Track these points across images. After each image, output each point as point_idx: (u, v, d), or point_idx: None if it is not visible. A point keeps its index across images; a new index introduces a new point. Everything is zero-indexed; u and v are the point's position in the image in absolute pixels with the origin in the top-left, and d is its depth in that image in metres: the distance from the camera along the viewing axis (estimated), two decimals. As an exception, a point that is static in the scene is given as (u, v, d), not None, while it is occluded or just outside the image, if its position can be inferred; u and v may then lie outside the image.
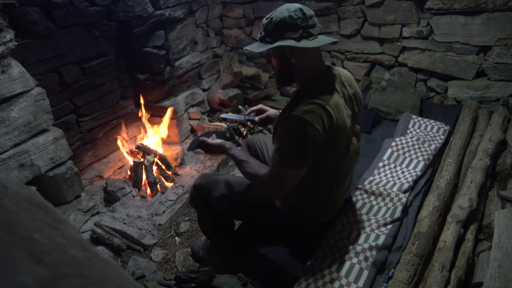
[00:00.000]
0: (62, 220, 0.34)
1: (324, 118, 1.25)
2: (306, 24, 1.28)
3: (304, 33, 1.28)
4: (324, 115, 1.25)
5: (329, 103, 1.27)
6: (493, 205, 1.94)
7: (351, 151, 1.41)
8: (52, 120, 2.08)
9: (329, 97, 1.29)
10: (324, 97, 1.28)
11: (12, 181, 0.34)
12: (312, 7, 3.16)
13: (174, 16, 2.90)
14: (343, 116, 1.31)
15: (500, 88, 2.66)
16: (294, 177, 1.33)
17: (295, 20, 1.27)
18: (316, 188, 1.46)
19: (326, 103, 1.26)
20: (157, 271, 2.05)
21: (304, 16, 1.28)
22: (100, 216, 2.39)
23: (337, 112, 1.29)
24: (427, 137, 2.21)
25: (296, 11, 1.28)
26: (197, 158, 3.09)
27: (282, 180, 1.33)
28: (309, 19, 1.30)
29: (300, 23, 1.27)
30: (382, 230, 1.56)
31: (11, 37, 1.79)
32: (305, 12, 1.29)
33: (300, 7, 1.30)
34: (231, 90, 3.51)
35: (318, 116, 1.24)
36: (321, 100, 1.27)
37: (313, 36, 1.29)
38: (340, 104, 1.32)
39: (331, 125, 1.26)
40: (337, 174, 1.44)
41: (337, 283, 1.33)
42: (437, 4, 2.67)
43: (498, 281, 1.35)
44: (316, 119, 1.23)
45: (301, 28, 1.27)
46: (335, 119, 1.27)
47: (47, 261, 0.25)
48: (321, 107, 1.25)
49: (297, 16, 1.28)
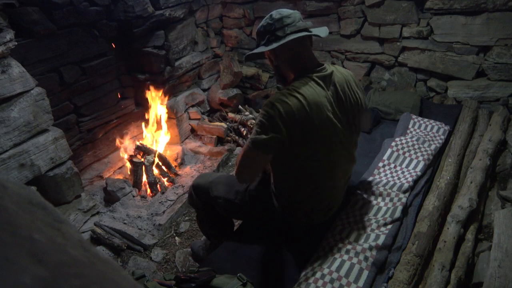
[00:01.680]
0: (62, 220, 0.34)
1: (294, 109, 1.29)
2: (274, 27, 1.36)
3: (271, 37, 1.37)
4: (295, 107, 1.29)
5: (307, 97, 1.30)
6: (493, 205, 1.94)
7: (335, 150, 1.43)
8: (52, 120, 2.08)
9: (309, 92, 1.32)
10: (303, 91, 1.31)
11: (12, 181, 0.34)
12: (312, 7, 3.16)
13: (174, 16, 2.90)
14: (323, 114, 1.34)
15: (500, 88, 2.66)
16: (259, 160, 1.38)
17: (265, 27, 1.39)
18: (304, 184, 1.47)
19: (302, 96, 1.30)
20: (157, 271, 2.05)
21: (272, 20, 1.37)
22: (100, 216, 2.39)
23: (315, 108, 1.31)
24: (427, 137, 2.21)
25: (267, 18, 1.39)
26: (197, 158, 3.09)
27: (247, 161, 1.39)
28: (277, 22, 1.36)
29: (268, 28, 1.38)
30: (382, 230, 1.56)
31: (11, 37, 1.79)
32: (273, 17, 1.37)
33: (271, 13, 1.39)
34: (231, 90, 3.51)
35: (289, 105, 1.28)
36: (298, 93, 1.31)
37: (280, 37, 1.35)
38: (321, 102, 1.34)
39: (303, 119, 1.30)
40: (322, 172, 1.45)
41: (337, 283, 1.33)
42: (437, 4, 2.67)
43: (498, 281, 1.35)
44: (286, 107, 1.28)
45: (269, 33, 1.37)
46: (309, 113, 1.30)
47: (47, 261, 0.25)
48: (296, 98, 1.30)
49: (267, 22, 1.38)
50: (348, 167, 1.59)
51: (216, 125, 3.21)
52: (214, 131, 3.20)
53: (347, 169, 1.58)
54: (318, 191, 1.50)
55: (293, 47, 1.38)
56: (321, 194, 1.52)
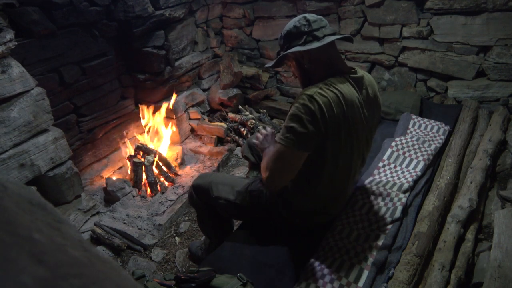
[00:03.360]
0: (62, 220, 0.34)
1: (332, 103, 1.25)
2: (310, 29, 1.32)
3: (308, 37, 1.32)
4: (333, 101, 1.25)
5: (344, 94, 1.28)
6: (493, 205, 1.94)
7: (354, 152, 1.41)
8: (52, 120, 2.08)
9: (346, 89, 1.30)
10: (340, 87, 1.29)
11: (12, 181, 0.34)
12: (312, 7, 3.16)
13: (174, 16, 2.90)
14: (356, 114, 1.32)
15: (500, 88, 2.66)
16: (296, 160, 1.29)
17: (299, 28, 1.33)
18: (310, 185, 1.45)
19: (339, 92, 1.28)
20: (157, 271, 2.05)
21: (307, 22, 1.33)
22: (100, 216, 2.39)
23: (350, 106, 1.29)
24: (427, 137, 2.21)
25: (300, 19, 1.35)
26: (197, 158, 3.09)
27: (282, 163, 1.30)
28: (313, 23, 1.33)
29: (304, 29, 1.33)
30: (382, 230, 1.56)
31: (11, 37, 1.79)
32: (308, 18, 1.34)
33: (304, 15, 1.36)
34: (231, 90, 3.51)
35: (327, 99, 1.24)
36: (335, 89, 1.28)
37: (319, 38, 1.32)
38: (355, 101, 1.32)
39: (340, 114, 1.27)
40: (340, 175, 1.44)
41: (337, 283, 1.33)
42: (437, 4, 2.67)
43: (498, 281, 1.35)
44: (324, 101, 1.24)
45: (305, 33, 1.32)
46: (345, 110, 1.28)
47: (47, 261, 0.25)
48: (333, 93, 1.27)
49: (301, 23, 1.34)
50: (360, 168, 1.57)
51: (216, 125, 3.21)
52: (214, 131, 3.20)
53: (357, 173, 1.56)
54: (338, 192, 1.50)
55: (329, 50, 1.35)
56: (340, 195, 1.52)
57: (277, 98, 3.70)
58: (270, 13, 3.43)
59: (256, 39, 3.62)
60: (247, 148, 2.01)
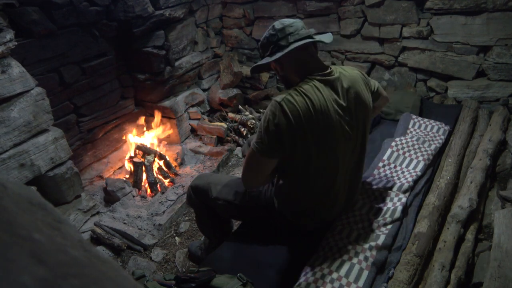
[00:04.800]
0: (62, 220, 0.34)
1: (300, 111, 1.26)
2: (277, 38, 1.36)
3: (274, 48, 1.37)
4: (302, 108, 1.27)
5: (313, 100, 1.28)
6: (493, 205, 1.94)
7: (341, 154, 1.40)
8: (52, 120, 2.08)
9: (316, 95, 1.30)
10: (309, 93, 1.29)
11: (12, 181, 0.34)
12: (312, 7, 3.16)
13: (174, 16, 2.90)
14: (330, 118, 1.31)
15: (500, 88, 2.66)
16: (263, 164, 1.37)
17: (268, 38, 1.39)
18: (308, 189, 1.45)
19: (308, 98, 1.28)
20: (157, 271, 2.05)
21: (274, 31, 1.37)
22: (100, 216, 2.39)
23: (320, 112, 1.29)
24: (427, 137, 2.21)
25: (270, 29, 1.39)
26: (197, 158, 3.09)
27: (251, 165, 1.39)
28: (280, 31, 1.35)
29: (271, 39, 1.37)
30: (382, 230, 1.56)
31: (11, 37, 1.79)
32: (276, 27, 1.36)
33: (274, 24, 1.38)
34: (231, 90, 3.51)
35: (295, 106, 1.26)
36: (305, 95, 1.29)
37: (283, 46, 1.34)
38: (328, 105, 1.31)
39: (309, 121, 1.28)
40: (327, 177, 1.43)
41: (337, 283, 1.33)
42: (437, 4, 2.67)
43: (498, 281, 1.35)
44: (292, 108, 1.26)
45: (272, 43, 1.37)
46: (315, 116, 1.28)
47: (47, 261, 0.25)
48: (303, 99, 1.28)
49: (269, 34, 1.38)
50: (355, 172, 1.54)
51: (216, 125, 3.21)
52: (214, 131, 3.20)
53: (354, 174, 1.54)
54: (321, 197, 1.49)
55: (299, 55, 1.36)
56: (325, 200, 1.50)
57: (277, 98, 3.70)
58: (270, 13, 3.43)
59: (256, 39, 3.62)
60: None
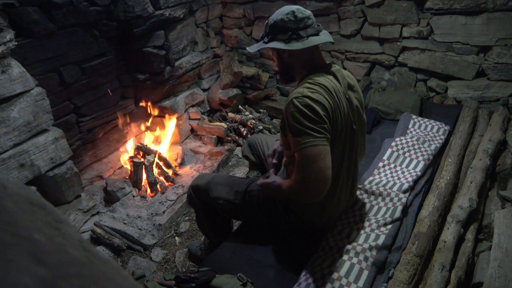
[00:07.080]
0: (62, 220, 0.34)
1: (324, 97, 1.26)
2: (296, 26, 1.32)
3: (293, 35, 1.33)
4: (324, 95, 1.26)
5: (329, 88, 1.29)
6: (493, 205, 1.94)
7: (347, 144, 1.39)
8: (52, 120, 2.08)
9: (329, 83, 1.31)
10: (324, 82, 1.30)
11: (12, 181, 0.34)
12: (312, 7, 3.16)
13: (174, 16, 2.90)
14: (342, 105, 1.32)
15: (500, 88, 2.66)
16: (324, 154, 1.23)
17: (286, 23, 1.33)
18: None
19: (325, 87, 1.28)
20: (157, 271, 2.05)
21: (295, 18, 1.33)
22: (100, 216, 2.39)
23: (337, 98, 1.30)
24: (427, 137, 2.21)
25: (288, 14, 1.33)
26: (197, 158, 3.09)
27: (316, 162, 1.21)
28: (300, 21, 1.33)
29: (290, 25, 1.33)
30: (382, 230, 1.56)
31: (11, 37, 1.79)
32: (296, 15, 1.33)
33: (293, 10, 1.34)
34: (231, 90, 3.51)
35: (319, 94, 1.25)
36: (320, 84, 1.28)
37: (303, 38, 1.32)
38: (339, 93, 1.32)
39: (331, 107, 1.27)
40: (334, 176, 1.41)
41: (337, 283, 1.33)
42: (437, 4, 2.67)
43: (498, 281, 1.35)
44: (318, 96, 1.24)
45: (291, 30, 1.33)
46: (333, 103, 1.28)
47: (47, 261, 0.25)
48: (320, 88, 1.27)
49: (288, 19, 1.33)
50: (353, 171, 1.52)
51: (216, 125, 3.21)
52: (214, 131, 3.20)
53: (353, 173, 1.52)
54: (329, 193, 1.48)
55: (312, 49, 1.37)
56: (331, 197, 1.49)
57: (277, 98, 3.70)
58: (270, 13, 3.37)
59: (256, 39, 3.62)
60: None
